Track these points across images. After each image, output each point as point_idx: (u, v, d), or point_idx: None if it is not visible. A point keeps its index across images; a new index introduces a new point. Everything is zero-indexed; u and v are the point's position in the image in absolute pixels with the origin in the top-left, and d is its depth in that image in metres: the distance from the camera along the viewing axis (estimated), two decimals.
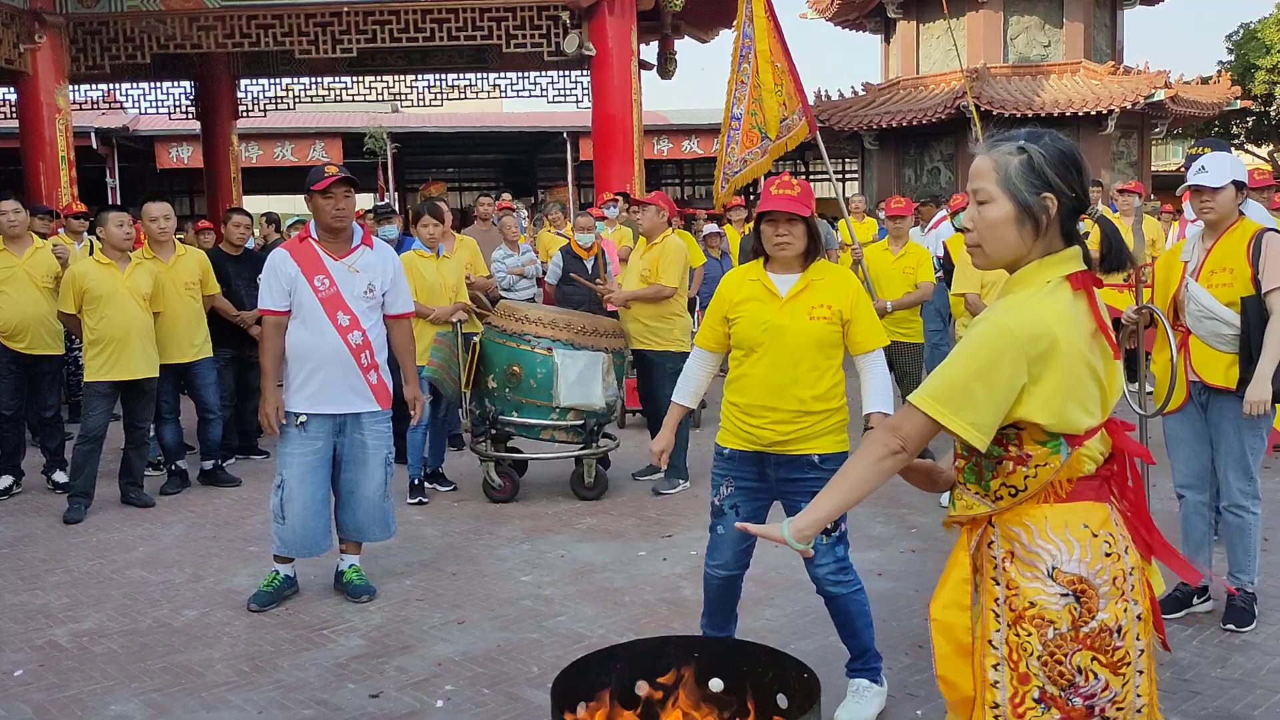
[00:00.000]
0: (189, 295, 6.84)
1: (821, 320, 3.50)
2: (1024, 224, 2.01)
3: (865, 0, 20.43)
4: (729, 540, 3.66)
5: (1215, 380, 4.14)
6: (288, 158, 23.22)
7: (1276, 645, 4.06)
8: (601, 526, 5.95)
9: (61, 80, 12.47)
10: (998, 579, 2.06)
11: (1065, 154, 2.02)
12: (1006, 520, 2.06)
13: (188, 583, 5.13)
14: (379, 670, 4.06)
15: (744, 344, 3.57)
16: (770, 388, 3.50)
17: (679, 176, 31.19)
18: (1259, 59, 24.00)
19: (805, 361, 3.49)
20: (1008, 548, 2.05)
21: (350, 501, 4.87)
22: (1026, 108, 17.72)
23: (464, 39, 12.76)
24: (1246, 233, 4.11)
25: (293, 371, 4.73)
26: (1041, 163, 2.00)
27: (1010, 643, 2.02)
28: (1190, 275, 4.20)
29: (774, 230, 3.51)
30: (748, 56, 7.60)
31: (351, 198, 4.73)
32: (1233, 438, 4.15)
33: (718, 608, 3.82)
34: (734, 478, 3.63)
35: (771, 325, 3.50)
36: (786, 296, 3.53)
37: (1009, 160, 2.02)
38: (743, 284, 3.64)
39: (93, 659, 4.22)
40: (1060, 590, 1.98)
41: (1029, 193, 2.00)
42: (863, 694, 3.60)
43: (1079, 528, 2.01)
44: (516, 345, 6.30)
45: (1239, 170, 4.14)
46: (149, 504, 6.51)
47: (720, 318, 3.66)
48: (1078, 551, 1.99)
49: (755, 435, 3.55)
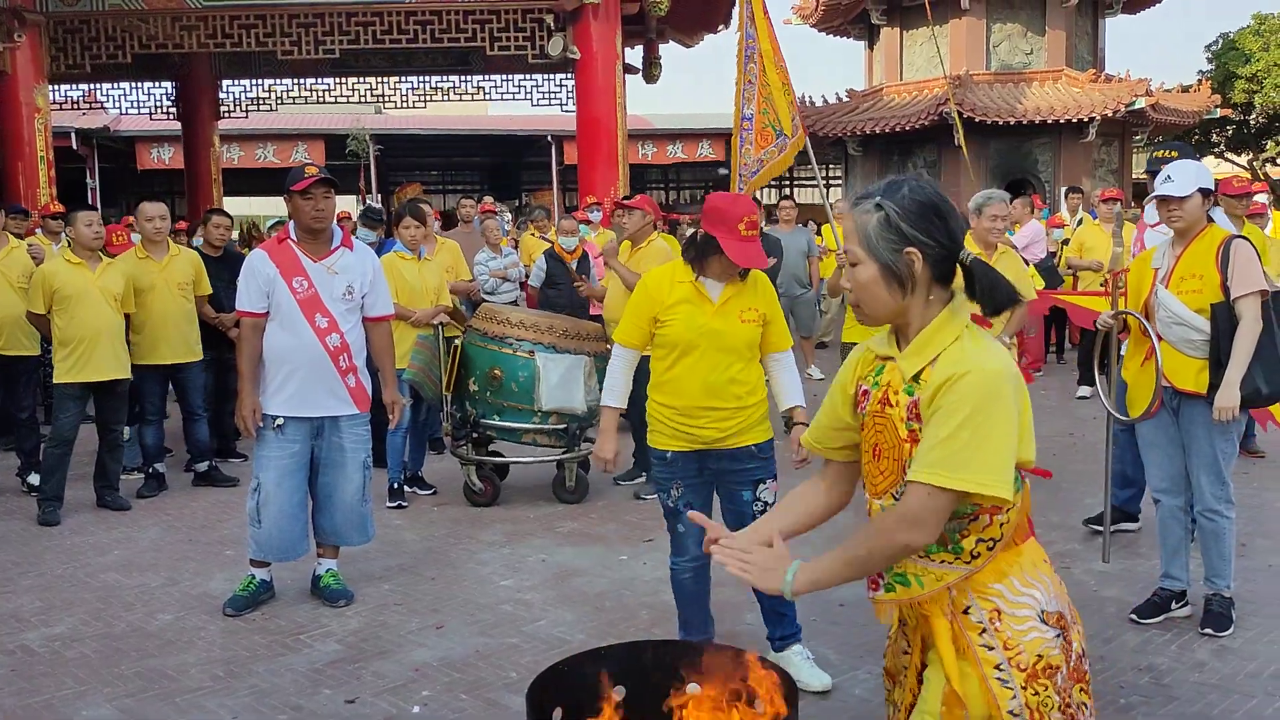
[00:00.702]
0: (182, 296, 6.80)
1: (751, 323, 3.72)
2: (890, 282, 1.96)
3: (849, 6, 20.52)
4: (691, 535, 3.77)
5: (1185, 385, 4.18)
6: (269, 159, 23.12)
7: (1254, 650, 4.07)
8: (583, 531, 5.93)
9: (41, 80, 12.38)
10: (989, 644, 1.92)
11: (924, 204, 1.95)
12: (980, 581, 1.95)
13: (163, 587, 5.08)
14: (355, 676, 4.03)
15: (677, 345, 3.70)
16: (708, 388, 3.67)
17: (664, 181, 31.23)
18: (1238, 68, 24.23)
19: (739, 361, 3.70)
20: (991, 607, 1.93)
21: (328, 505, 4.83)
22: (1009, 114, 17.84)
23: (448, 41, 12.75)
24: (1215, 240, 4.15)
25: (270, 374, 4.68)
26: (897, 219, 1.94)
27: (1030, 704, 1.90)
28: (1160, 282, 4.25)
29: (732, 267, 3.65)
30: (753, 56, 7.61)
31: (331, 199, 4.70)
32: (1204, 442, 4.18)
33: (693, 609, 3.91)
34: (681, 478, 3.78)
35: (707, 328, 3.66)
36: (719, 301, 3.69)
37: (868, 220, 1.97)
38: (673, 286, 3.74)
39: (65, 664, 4.16)
40: (1054, 631, 1.93)
41: (888, 252, 1.94)
42: (810, 657, 3.86)
43: (1043, 564, 1.99)
44: (498, 348, 6.27)
45: (1204, 178, 4.17)
46: (124, 507, 6.45)
47: (649, 318, 3.76)
48: (1051, 588, 1.97)
49: (696, 435, 3.71)
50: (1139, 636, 4.22)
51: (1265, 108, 24.33)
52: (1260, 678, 3.84)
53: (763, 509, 3.74)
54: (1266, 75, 23.82)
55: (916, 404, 1.94)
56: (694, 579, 3.86)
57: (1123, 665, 3.95)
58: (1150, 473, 4.48)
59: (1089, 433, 7.69)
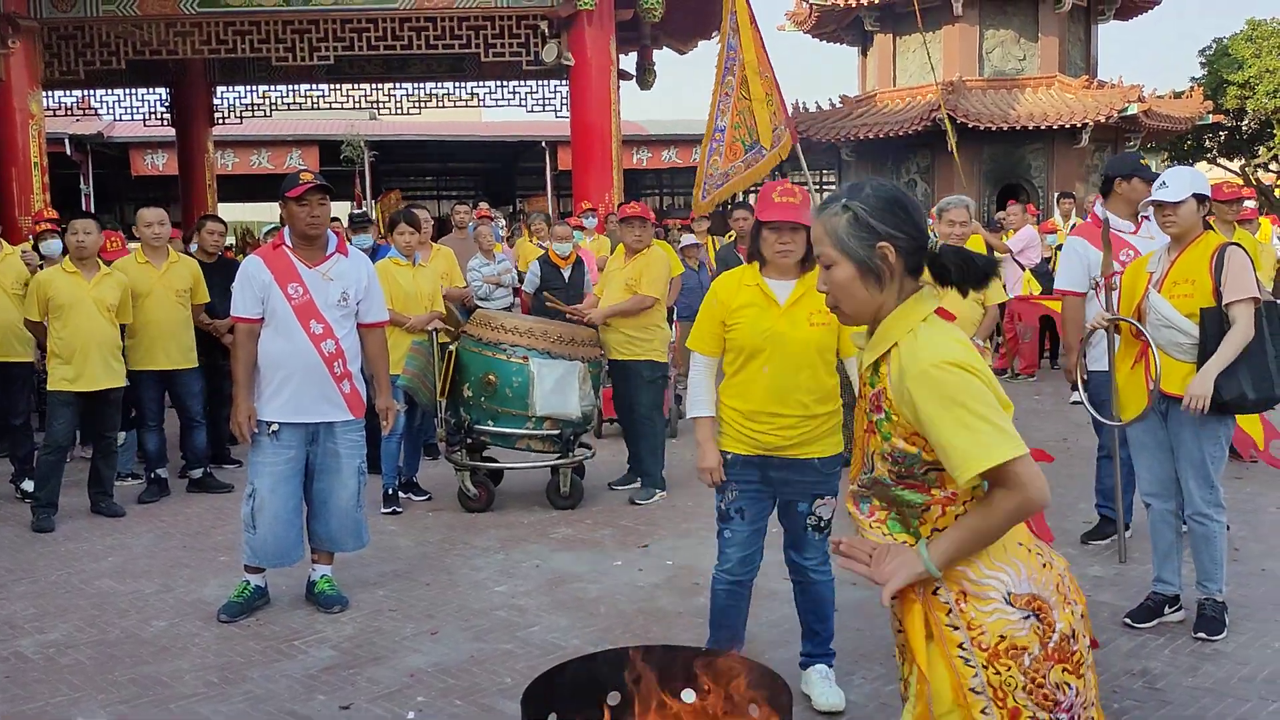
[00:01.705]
0: (179, 303, 6.81)
1: (821, 326, 3.56)
2: (868, 278, 2.04)
3: (842, 13, 20.56)
4: (735, 544, 3.70)
5: (1173, 389, 4.18)
6: (264, 165, 23.09)
7: (1247, 654, 4.08)
8: (577, 536, 5.93)
9: (35, 86, 12.36)
10: (955, 624, 2.01)
11: (888, 200, 2.04)
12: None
13: (157, 593, 5.07)
14: (350, 682, 4.02)
15: (744, 350, 3.60)
16: (774, 393, 3.54)
17: (658, 186, 31.24)
18: (1231, 74, 24.32)
19: (807, 367, 3.55)
20: (957, 589, 2.00)
21: (323, 511, 4.82)
22: (1002, 120, 17.88)
23: (442, 47, 12.75)
24: (1210, 246, 4.17)
25: (265, 380, 4.68)
26: (866, 216, 2.03)
27: (992, 682, 1.98)
28: (1153, 286, 4.27)
29: (777, 238, 3.56)
30: (732, 68, 7.63)
31: (326, 205, 4.70)
32: (1192, 445, 4.18)
33: (720, 621, 3.81)
34: (737, 482, 3.66)
35: (773, 332, 3.54)
36: (786, 303, 3.57)
37: (836, 221, 2.06)
38: (740, 289, 3.66)
39: (59, 670, 4.16)
40: (1022, 614, 1.98)
41: (862, 249, 2.03)
42: (830, 677, 3.73)
43: (1015, 547, 2.01)
44: (492, 354, 6.28)
45: (1199, 184, 4.19)
46: (119, 513, 6.44)
47: (718, 322, 3.68)
48: (1024, 570, 2.00)
49: (759, 440, 3.60)
50: (1132, 641, 4.23)
51: (1257, 113, 24.42)
52: (1254, 682, 3.85)
53: (817, 524, 3.64)
54: (1259, 81, 23.91)
55: (879, 395, 2.03)
56: (728, 594, 3.75)
57: (1116, 669, 3.96)
58: (1141, 476, 4.49)
59: (1083, 437, 7.70)
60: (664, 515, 6.28)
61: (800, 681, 3.74)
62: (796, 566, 3.75)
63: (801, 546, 3.71)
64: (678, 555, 5.49)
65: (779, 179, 7.82)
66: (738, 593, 3.77)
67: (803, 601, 3.79)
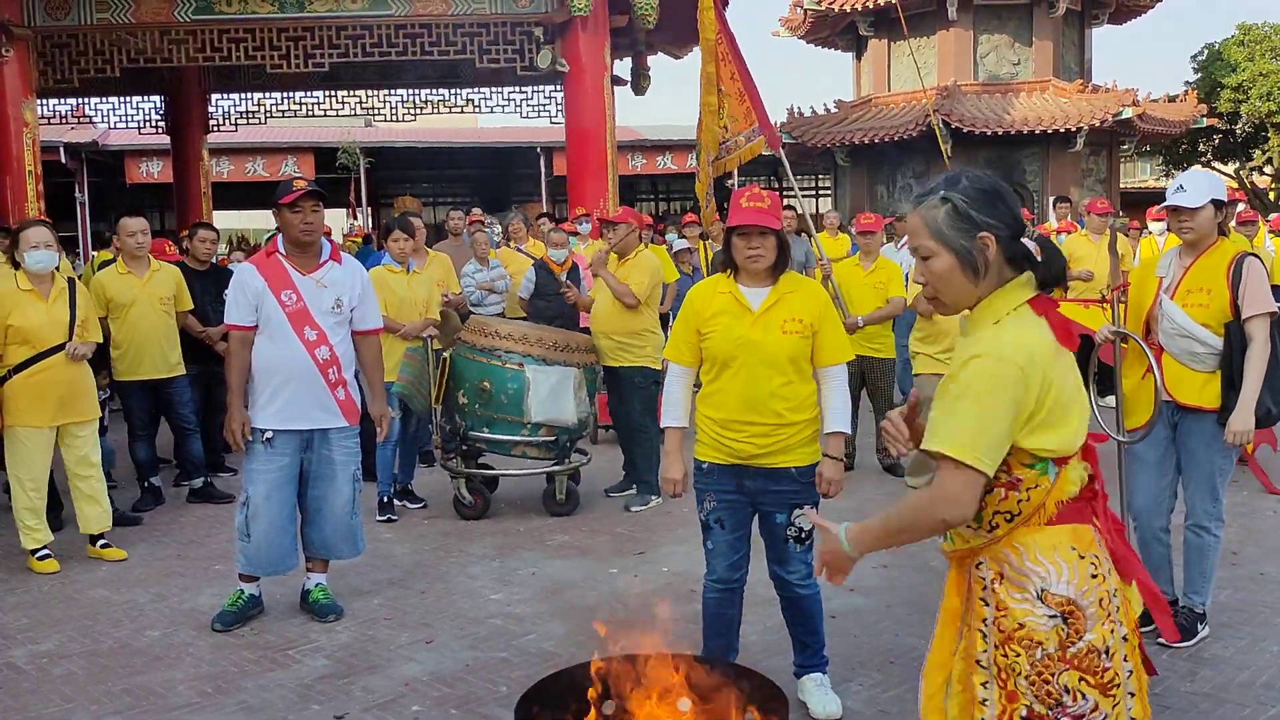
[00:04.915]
0: (164, 311, 6.78)
1: (794, 334, 3.51)
2: (968, 268, 2.06)
3: (837, 19, 20.59)
4: (719, 554, 3.68)
5: (1188, 399, 4.08)
6: (259, 173, 23.06)
7: (1245, 659, 4.07)
8: (573, 544, 5.91)
9: (29, 94, 12.30)
10: (986, 599, 2.06)
11: (987, 190, 2.06)
12: (997, 546, 2.06)
13: (151, 602, 5.05)
14: (345, 691, 4.00)
15: (718, 358, 3.57)
16: (747, 402, 3.51)
17: (653, 192, 31.24)
18: (1224, 78, 24.35)
19: (780, 375, 3.51)
20: (996, 569, 2.05)
21: (317, 519, 4.81)
22: (997, 125, 17.91)
23: (437, 54, 12.72)
24: (1227, 254, 4.03)
25: (259, 387, 4.66)
26: (966, 207, 2.04)
27: (999, 663, 2.03)
28: (1165, 292, 4.14)
29: (746, 243, 3.52)
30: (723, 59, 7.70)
31: (320, 212, 4.69)
32: (1201, 457, 4.10)
33: (713, 630, 3.79)
34: (715, 492, 3.64)
35: (745, 340, 3.51)
36: (759, 310, 3.53)
37: (935, 213, 2.07)
38: (713, 297, 3.62)
39: (51, 680, 4.13)
40: (1049, 612, 2.00)
41: (963, 239, 2.05)
42: (826, 685, 3.72)
43: (1067, 550, 2.02)
44: (487, 360, 6.26)
45: (1218, 189, 4.05)
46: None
47: (692, 331, 3.65)
48: (1066, 573, 2.01)
49: (733, 449, 3.57)
50: None
51: (1251, 117, 24.44)
52: (1253, 687, 3.84)
53: (797, 535, 3.60)
54: (1252, 85, 23.94)
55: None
56: (718, 602, 3.73)
57: None
58: (1134, 491, 4.35)
59: None
60: (660, 522, 6.27)
61: (796, 689, 3.72)
62: (781, 581, 3.70)
63: (784, 560, 3.66)
64: (674, 562, 5.47)
65: (750, 183, 7.90)
66: (729, 599, 3.75)
67: (790, 615, 3.76)
